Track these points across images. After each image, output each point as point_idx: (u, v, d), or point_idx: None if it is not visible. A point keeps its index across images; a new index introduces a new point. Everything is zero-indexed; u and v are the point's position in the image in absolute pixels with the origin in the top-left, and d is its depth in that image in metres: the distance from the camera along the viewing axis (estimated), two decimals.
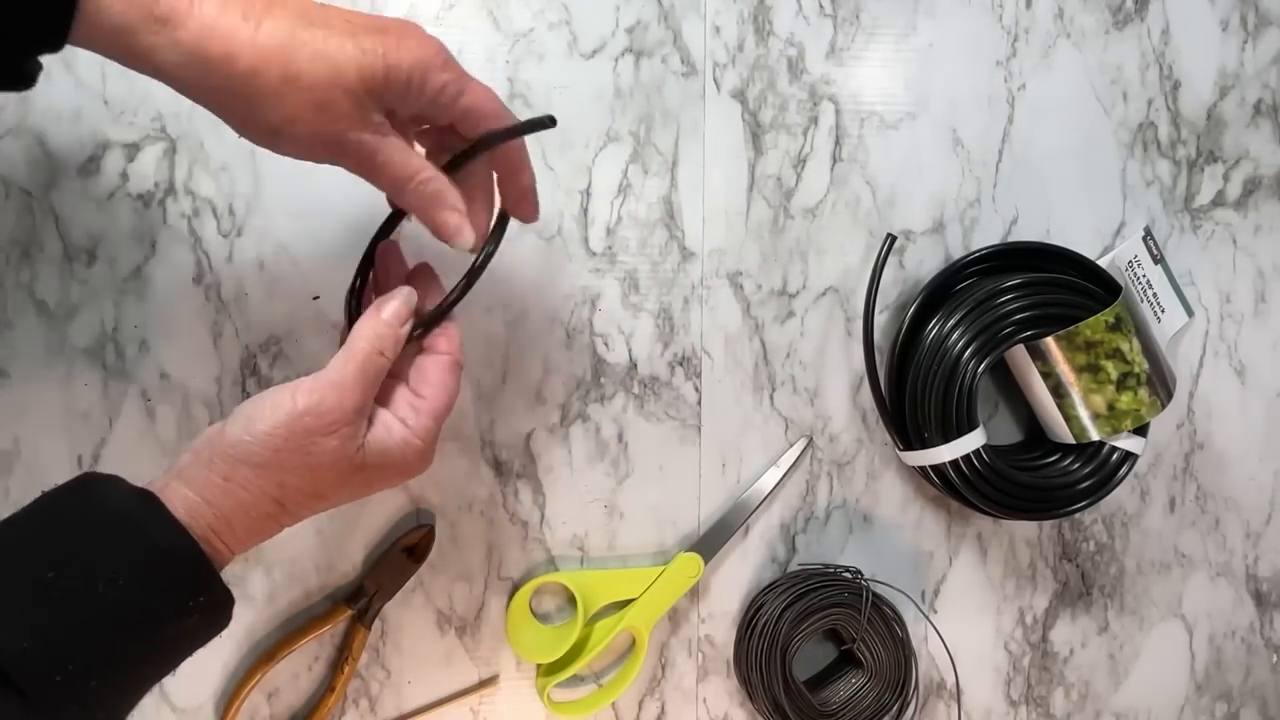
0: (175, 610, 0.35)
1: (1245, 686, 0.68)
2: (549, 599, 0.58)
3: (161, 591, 0.34)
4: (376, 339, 0.40)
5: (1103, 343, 0.55)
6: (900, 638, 0.58)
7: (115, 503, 0.35)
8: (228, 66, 0.35)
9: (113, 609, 0.33)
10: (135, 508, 0.35)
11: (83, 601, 0.32)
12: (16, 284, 0.51)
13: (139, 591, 0.33)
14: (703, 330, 0.58)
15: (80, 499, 0.35)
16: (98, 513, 0.34)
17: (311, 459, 0.38)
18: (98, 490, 0.35)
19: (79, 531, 0.33)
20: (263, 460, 0.37)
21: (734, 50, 0.58)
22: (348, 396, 0.38)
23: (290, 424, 0.37)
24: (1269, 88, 0.65)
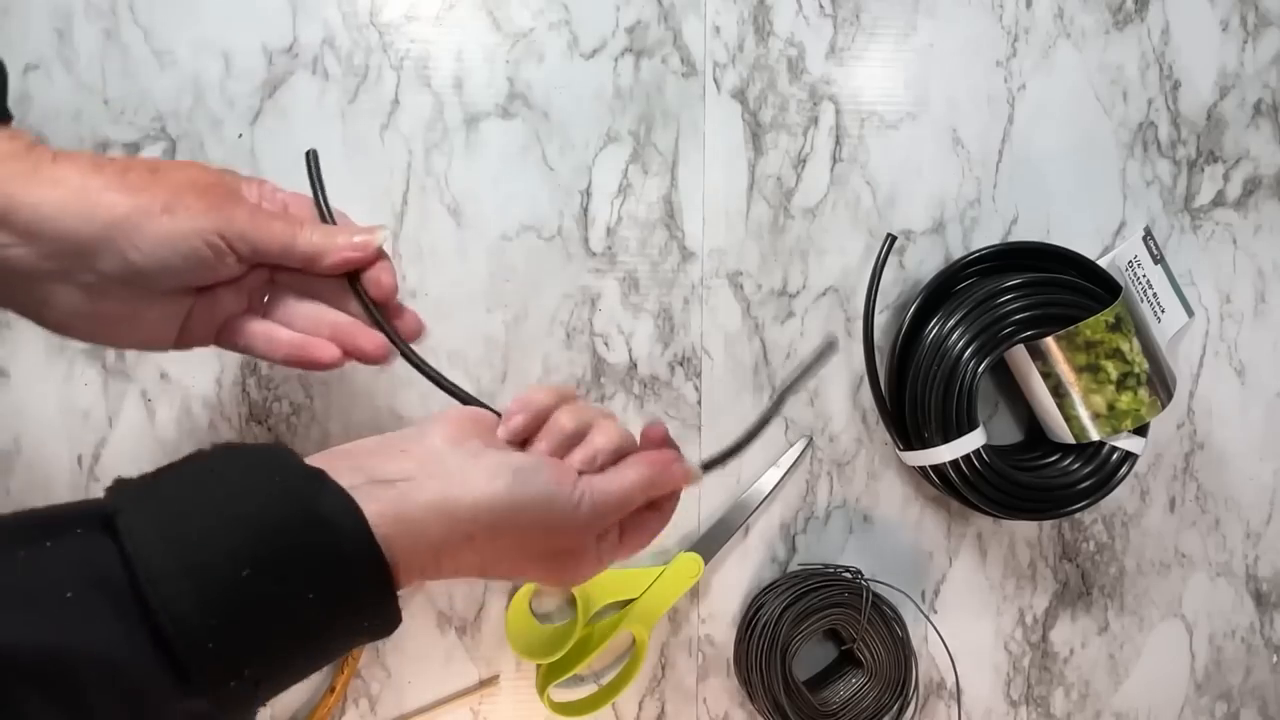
0: (351, 628, 0.34)
1: (1245, 686, 0.68)
2: (549, 599, 0.58)
3: (347, 612, 0.33)
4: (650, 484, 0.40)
5: (1103, 343, 0.55)
6: (900, 638, 0.58)
7: (324, 512, 0.32)
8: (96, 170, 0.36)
9: (298, 620, 0.31)
10: (345, 522, 0.33)
11: (273, 610, 0.31)
12: None
13: (328, 609, 0.32)
14: (703, 330, 0.58)
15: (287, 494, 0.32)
16: (303, 515, 0.32)
17: (544, 552, 0.38)
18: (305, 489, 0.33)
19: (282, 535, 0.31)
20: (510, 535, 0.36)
21: (734, 50, 0.58)
22: (602, 520, 0.38)
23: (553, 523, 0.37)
24: (1269, 88, 0.65)
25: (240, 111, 0.53)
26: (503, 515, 0.36)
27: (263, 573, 0.30)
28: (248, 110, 0.53)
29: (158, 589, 0.28)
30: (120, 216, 0.35)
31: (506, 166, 0.56)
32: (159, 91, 0.52)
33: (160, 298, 0.38)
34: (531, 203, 0.56)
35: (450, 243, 0.55)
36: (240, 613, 0.30)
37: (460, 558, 0.36)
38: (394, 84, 0.54)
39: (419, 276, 0.55)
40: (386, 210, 0.55)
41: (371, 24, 0.54)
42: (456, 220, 0.55)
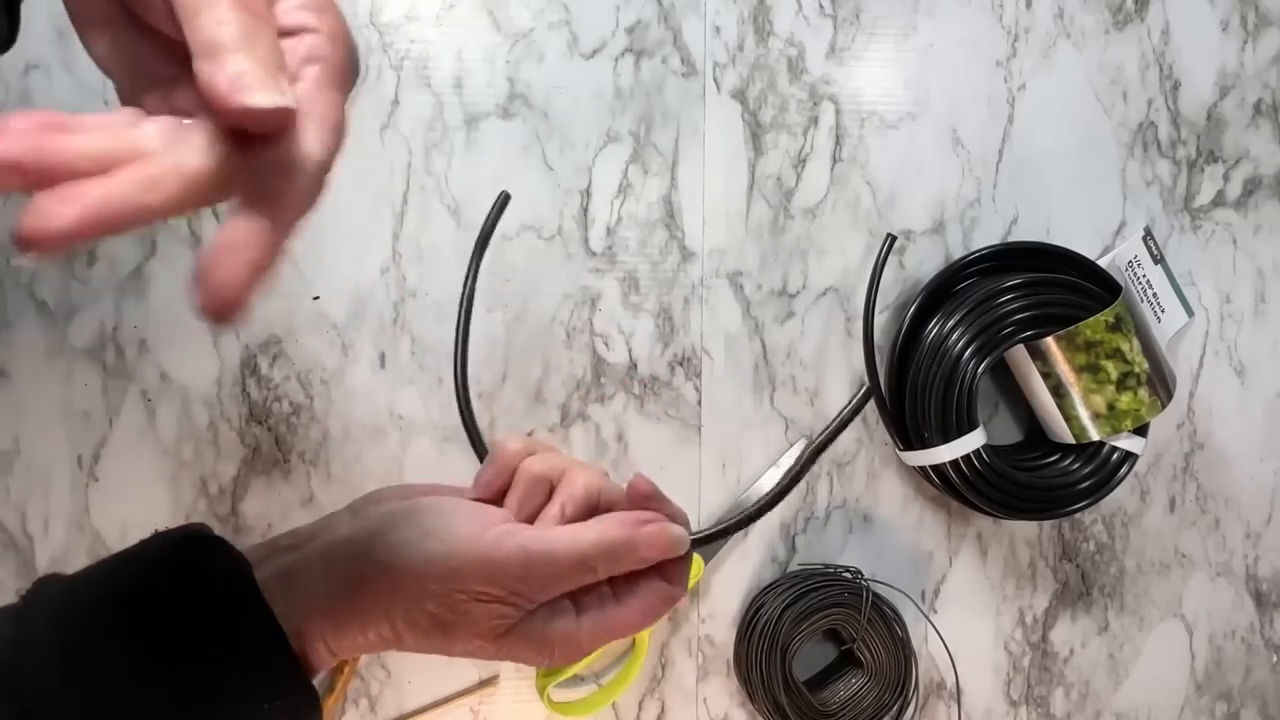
0: (249, 711, 0.31)
1: (1245, 686, 0.68)
2: None
3: (236, 688, 0.30)
4: (610, 558, 0.34)
5: (1103, 343, 0.55)
6: (900, 638, 0.58)
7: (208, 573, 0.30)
8: None
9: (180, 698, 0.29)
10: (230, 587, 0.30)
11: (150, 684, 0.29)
12: (16, 284, 0.51)
13: (213, 685, 0.29)
14: (703, 330, 0.58)
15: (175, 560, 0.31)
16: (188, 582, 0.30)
17: (449, 616, 0.32)
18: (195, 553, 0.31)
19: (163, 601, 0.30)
20: (407, 586, 0.32)
21: (734, 50, 0.58)
22: (530, 589, 0.33)
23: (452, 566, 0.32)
24: (1269, 88, 0.65)
25: None
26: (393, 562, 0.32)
27: (140, 647, 0.28)
28: None
29: (25, 664, 0.27)
30: None
31: (506, 166, 0.56)
32: None
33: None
34: (531, 203, 0.56)
35: (450, 243, 0.55)
36: (112, 685, 0.28)
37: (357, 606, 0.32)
38: (394, 84, 0.54)
39: (419, 277, 0.55)
40: (387, 210, 0.55)
41: (371, 24, 0.54)
42: (456, 220, 0.55)
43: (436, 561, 0.32)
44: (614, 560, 0.34)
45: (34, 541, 0.52)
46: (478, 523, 0.33)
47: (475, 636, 0.33)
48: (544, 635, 0.34)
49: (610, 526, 0.34)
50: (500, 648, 0.34)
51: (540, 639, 0.34)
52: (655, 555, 0.35)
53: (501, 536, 0.33)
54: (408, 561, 0.32)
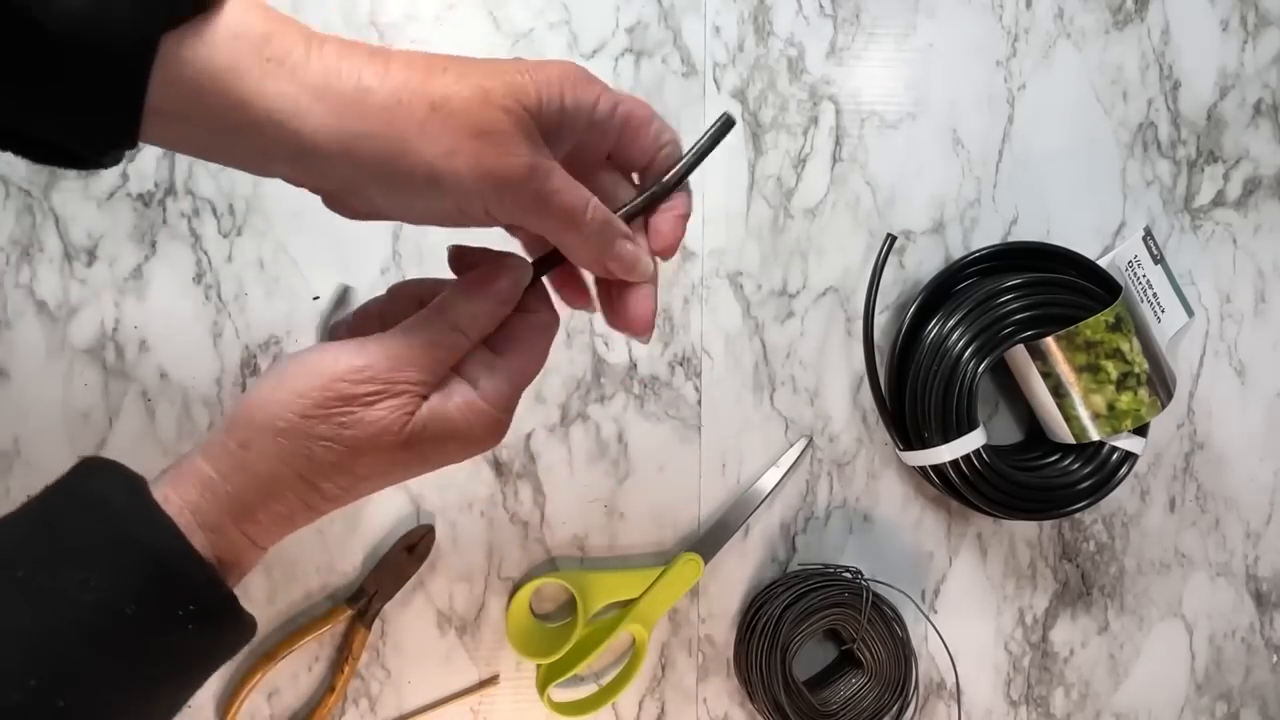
0: (163, 621, 0.29)
1: (1245, 686, 0.68)
2: (549, 599, 0.58)
3: (143, 597, 0.29)
4: (467, 317, 0.34)
5: (1103, 343, 0.55)
6: (900, 638, 0.58)
7: (99, 490, 0.30)
8: (362, 100, 0.29)
9: (87, 616, 0.28)
10: (116, 496, 0.30)
11: (54, 606, 0.28)
12: (16, 284, 0.51)
13: (114, 596, 0.28)
14: (703, 330, 0.58)
15: (69, 488, 0.31)
16: (81, 503, 0.30)
17: (347, 431, 0.31)
18: (88, 478, 0.31)
19: (61, 524, 0.29)
20: (288, 426, 0.31)
21: (734, 50, 0.58)
22: (403, 369, 0.32)
23: (324, 387, 0.31)
24: (1269, 88, 0.65)
25: None
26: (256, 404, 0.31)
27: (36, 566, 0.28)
28: None
29: None
30: (371, 172, 0.30)
31: None
32: None
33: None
34: None
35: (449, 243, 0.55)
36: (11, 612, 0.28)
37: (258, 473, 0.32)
38: None
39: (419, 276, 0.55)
40: None
41: (371, 24, 0.54)
42: None
43: (301, 380, 0.32)
44: (469, 313, 0.34)
45: None
46: (330, 342, 0.33)
47: (381, 448, 0.32)
48: (449, 418, 0.33)
49: (450, 288, 0.34)
50: (413, 452, 0.33)
51: (448, 424, 0.33)
52: (507, 294, 0.35)
53: (357, 344, 0.32)
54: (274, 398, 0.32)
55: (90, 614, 0.28)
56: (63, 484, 0.31)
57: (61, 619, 0.28)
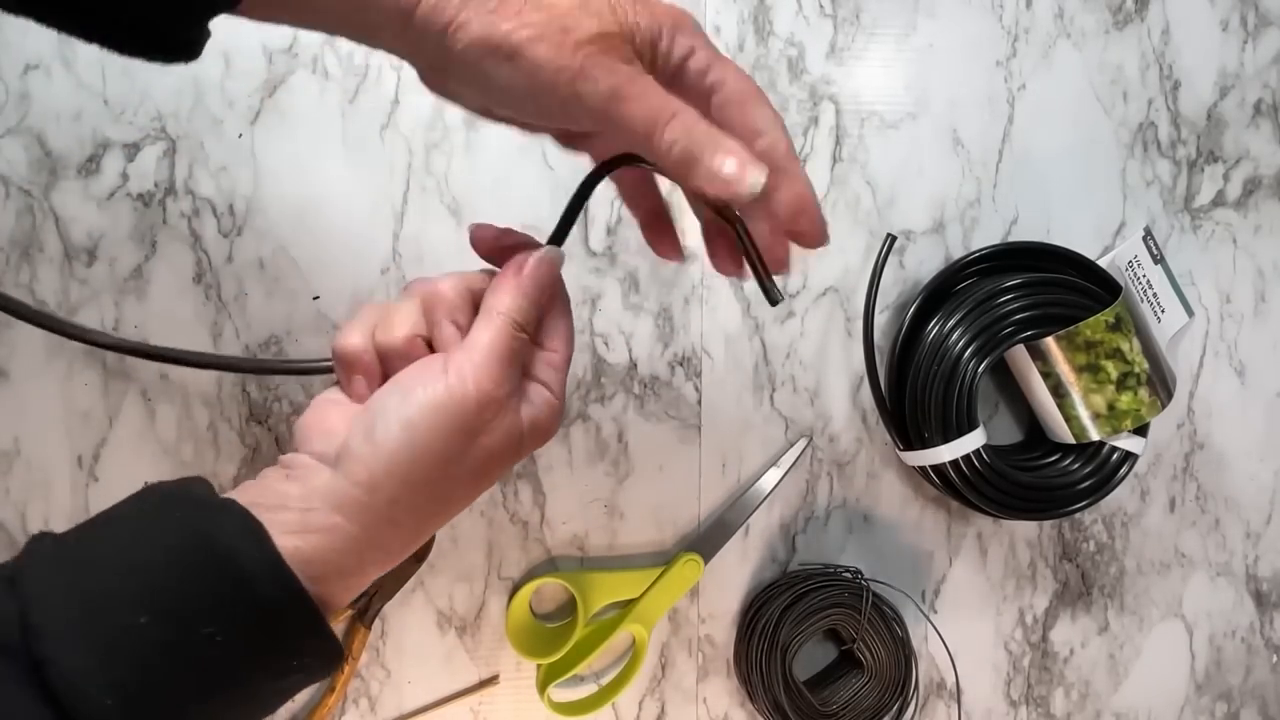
0: (277, 670, 0.30)
1: (1245, 686, 0.68)
2: (549, 599, 0.58)
3: (265, 650, 0.29)
4: (523, 315, 0.34)
5: (1103, 343, 0.55)
6: (900, 638, 0.58)
7: (225, 540, 0.29)
8: None
9: (209, 667, 0.28)
10: (245, 548, 0.29)
11: (177, 657, 0.28)
12: (16, 284, 0.51)
13: (240, 649, 0.29)
14: (703, 330, 0.58)
15: (184, 523, 0.30)
16: (203, 549, 0.29)
17: (478, 461, 0.33)
18: (205, 520, 0.30)
19: (179, 570, 0.28)
20: (429, 475, 0.32)
21: (734, 50, 0.58)
22: (499, 380, 0.32)
23: (451, 425, 0.32)
24: (1269, 88, 0.65)
25: (240, 111, 0.53)
26: (399, 460, 0.31)
27: (162, 617, 0.27)
28: (248, 110, 0.53)
29: (48, 646, 0.26)
30: (464, 48, 0.31)
31: (506, 166, 0.56)
32: (159, 91, 0.52)
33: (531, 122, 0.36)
34: (531, 203, 0.56)
35: (450, 243, 0.55)
36: (140, 663, 0.27)
37: (397, 526, 0.32)
38: (394, 84, 0.54)
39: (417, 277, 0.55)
40: (387, 210, 0.55)
41: None
42: (457, 220, 0.55)
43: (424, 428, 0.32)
44: (530, 314, 0.35)
45: None
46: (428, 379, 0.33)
47: (501, 470, 0.34)
48: (539, 421, 0.35)
49: (505, 297, 0.34)
50: (516, 459, 0.34)
51: (539, 427, 0.35)
52: (551, 281, 0.36)
53: (456, 373, 0.32)
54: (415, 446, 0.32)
55: (218, 667, 0.28)
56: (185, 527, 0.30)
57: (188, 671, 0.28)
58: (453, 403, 0.32)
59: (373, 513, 0.32)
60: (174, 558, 0.29)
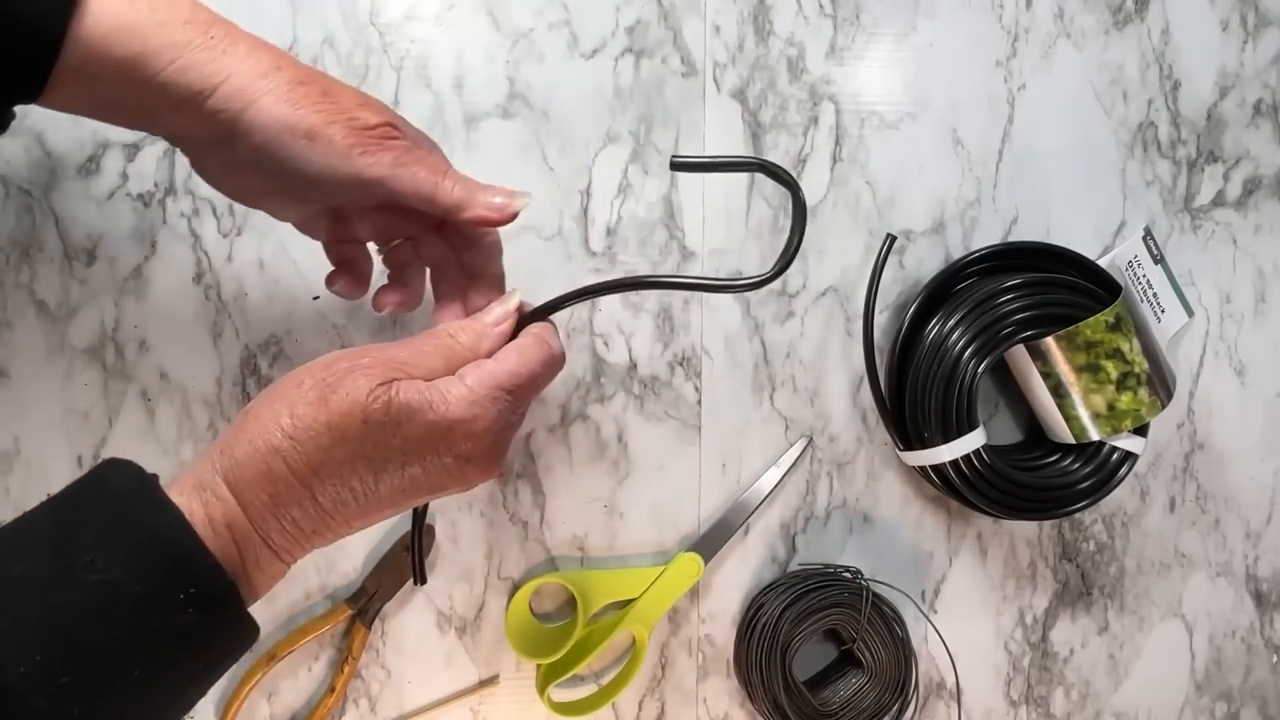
0: (165, 602, 0.31)
1: (1245, 686, 0.68)
2: (549, 599, 0.58)
3: (146, 577, 0.30)
4: (457, 327, 0.40)
5: (1103, 343, 0.55)
6: (900, 638, 0.58)
7: (111, 482, 0.33)
8: (277, 71, 0.37)
9: (92, 595, 0.29)
10: (127, 485, 0.33)
11: (60, 586, 0.29)
12: (16, 284, 0.51)
13: (118, 577, 0.30)
14: (703, 330, 0.58)
15: (85, 481, 0.33)
16: (93, 492, 0.33)
17: (328, 404, 0.35)
18: (103, 474, 0.33)
19: (74, 512, 0.32)
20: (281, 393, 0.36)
21: (734, 50, 0.58)
22: (390, 353, 0.37)
23: (314, 369, 0.36)
24: (1269, 88, 0.65)
25: None
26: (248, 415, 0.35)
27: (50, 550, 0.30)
28: None
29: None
30: (263, 127, 0.37)
31: (506, 166, 0.56)
32: None
33: (293, 196, 0.41)
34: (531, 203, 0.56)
35: None
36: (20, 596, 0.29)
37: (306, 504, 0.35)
38: (394, 84, 0.54)
39: None
40: None
41: (371, 24, 0.54)
42: None
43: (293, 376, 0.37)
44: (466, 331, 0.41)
45: None
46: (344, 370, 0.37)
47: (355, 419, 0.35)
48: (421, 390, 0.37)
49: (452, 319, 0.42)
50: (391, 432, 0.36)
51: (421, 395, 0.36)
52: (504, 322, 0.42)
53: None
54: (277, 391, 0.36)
55: (95, 593, 0.30)
56: (81, 480, 0.33)
57: (67, 598, 0.29)
58: (324, 358, 0.37)
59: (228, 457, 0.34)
60: (67, 500, 0.32)
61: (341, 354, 0.37)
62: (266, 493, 0.34)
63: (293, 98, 0.37)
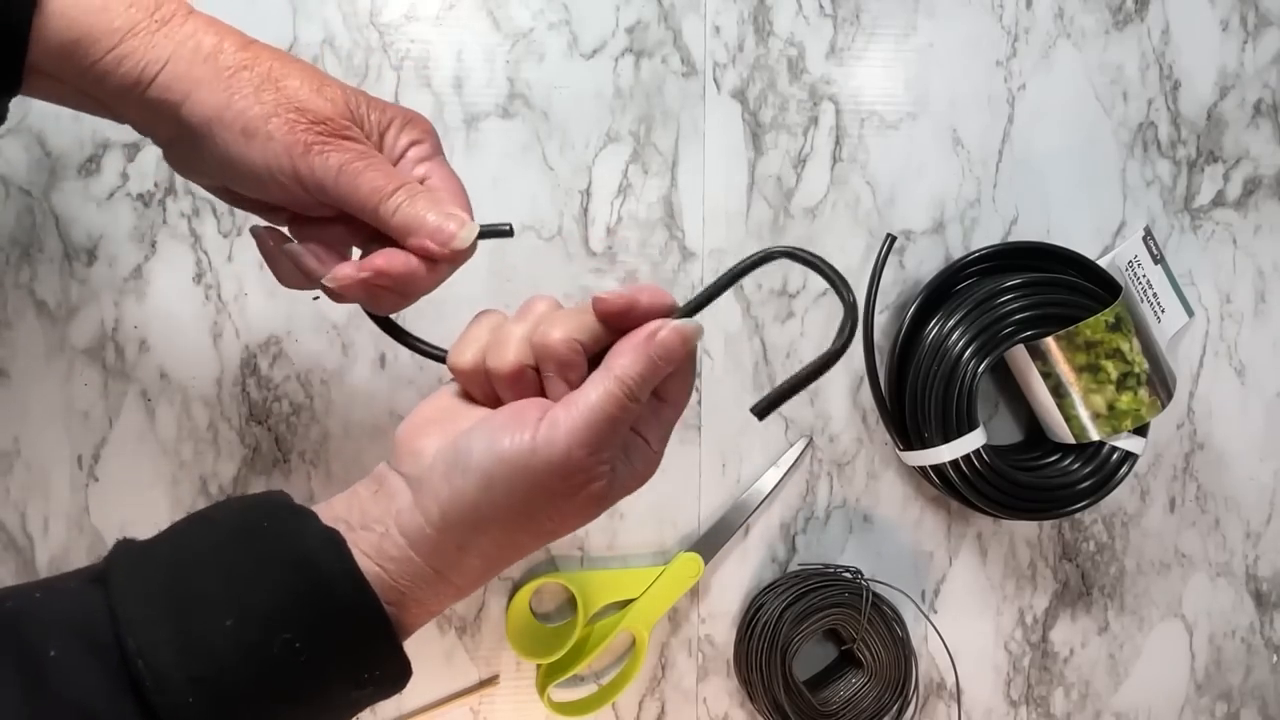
0: (351, 679, 0.31)
1: (1245, 686, 0.68)
2: (549, 599, 0.58)
3: (339, 659, 0.30)
4: (640, 384, 0.33)
5: (1103, 343, 0.55)
6: (900, 638, 0.58)
7: (307, 548, 0.31)
8: (215, 59, 0.34)
9: (286, 671, 0.29)
10: (326, 557, 0.30)
11: (256, 659, 0.29)
12: (16, 284, 0.51)
13: (317, 656, 0.29)
14: None
15: (272, 532, 0.31)
16: (287, 554, 0.30)
17: (553, 524, 0.33)
18: (290, 524, 0.31)
19: (263, 573, 0.30)
20: (504, 534, 0.32)
21: (734, 50, 0.58)
22: (599, 453, 0.32)
23: (532, 486, 0.32)
24: (1269, 88, 0.65)
25: None
26: (473, 509, 0.32)
27: (244, 619, 0.28)
28: None
29: (136, 638, 0.27)
30: (199, 119, 0.33)
31: (506, 166, 0.56)
32: None
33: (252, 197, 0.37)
34: (531, 203, 0.56)
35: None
36: (221, 662, 0.28)
37: (465, 567, 0.33)
38: (394, 84, 0.54)
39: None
40: None
41: (371, 24, 0.54)
42: None
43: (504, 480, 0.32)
44: (649, 384, 0.34)
45: (34, 541, 0.52)
46: (518, 432, 0.32)
47: (580, 523, 0.34)
48: (630, 478, 0.35)
49: (628, 363, 0.33)
50: (603, 506, 0.34)
51: (628, 483, 0.35)
52: (681, 356, 0.34)
53: (549, 432, 0.32)
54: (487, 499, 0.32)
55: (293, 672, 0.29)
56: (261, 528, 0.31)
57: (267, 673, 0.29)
58: (537, 462, 0.31)
59: (441, 553, 0.32)
60: (259, 561, 0.30)
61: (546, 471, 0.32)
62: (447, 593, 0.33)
63: (230, 86, 0.33)
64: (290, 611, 0.29)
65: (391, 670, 0.32)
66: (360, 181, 0.35)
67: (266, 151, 0.33)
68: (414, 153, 0.38)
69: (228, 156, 0.34)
